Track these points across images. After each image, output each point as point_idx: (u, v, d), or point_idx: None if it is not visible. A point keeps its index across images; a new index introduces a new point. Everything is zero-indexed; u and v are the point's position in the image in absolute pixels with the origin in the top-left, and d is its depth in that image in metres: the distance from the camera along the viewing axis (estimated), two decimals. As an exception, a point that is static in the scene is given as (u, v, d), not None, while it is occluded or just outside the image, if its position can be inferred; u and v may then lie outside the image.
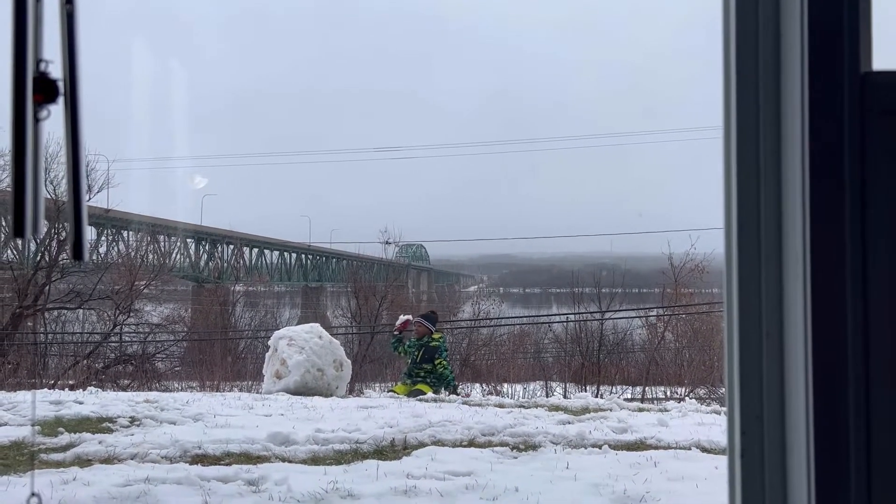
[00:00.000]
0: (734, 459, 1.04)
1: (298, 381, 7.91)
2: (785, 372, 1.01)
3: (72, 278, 16.52)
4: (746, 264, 1.05)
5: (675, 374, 14.37)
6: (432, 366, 8.27)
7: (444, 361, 8.29)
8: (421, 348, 8.32)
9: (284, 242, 33.83)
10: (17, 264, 16.58)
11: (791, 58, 1.02)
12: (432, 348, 8.29)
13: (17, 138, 0.77)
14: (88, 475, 4.01)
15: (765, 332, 1.03)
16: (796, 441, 0.99)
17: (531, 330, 18.73)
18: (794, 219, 1.01)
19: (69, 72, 0.82)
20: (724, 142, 1.09)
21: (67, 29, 0.81)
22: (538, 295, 39.27)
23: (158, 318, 19.00)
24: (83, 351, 16.21)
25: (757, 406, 1.02)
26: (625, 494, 3.71)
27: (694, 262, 16.69)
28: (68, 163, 0.84)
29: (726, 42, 1.07)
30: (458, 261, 46.97)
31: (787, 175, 1.03)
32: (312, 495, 3.71)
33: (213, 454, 4.62)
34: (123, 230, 21.93)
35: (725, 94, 1.08)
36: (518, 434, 5.19)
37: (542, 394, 13.03)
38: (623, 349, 16.64)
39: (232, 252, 30.04)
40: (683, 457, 4.57)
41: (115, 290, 16.26)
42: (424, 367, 8.30)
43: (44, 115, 0.82)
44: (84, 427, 5.37)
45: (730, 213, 1.06)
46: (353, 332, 18.02)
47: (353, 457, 4.66)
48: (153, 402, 6.38)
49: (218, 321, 19.57)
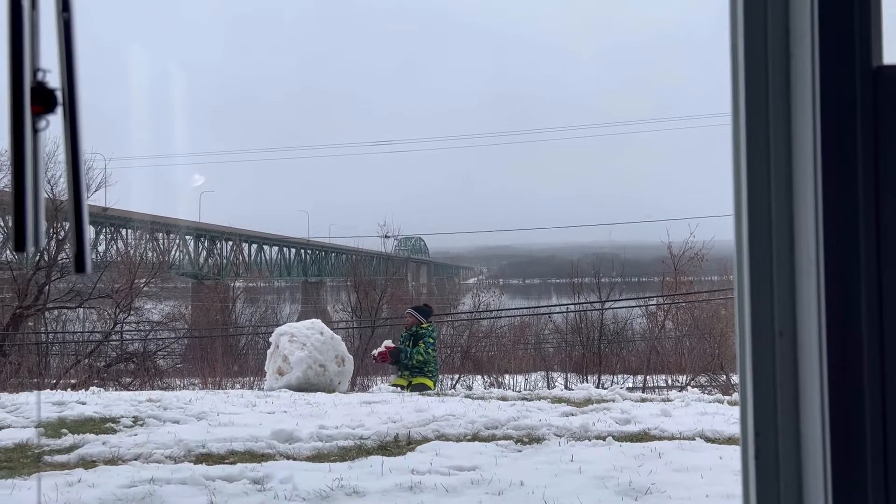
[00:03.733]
0: (748, 461, 1.02)
1: (301, 378, 7.91)
2: (799, 372, 1.00)
3: (71, 277, 16.49)
4: (758, 262, 1.03)
5: (675, 362, 14.39)
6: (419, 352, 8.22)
7: (423, 346, 8.20)
8: (411, 338, 8.35)
9: (283, 238, 33.80)
10: (16, 264, 16.54)
11: (801, 52, 1.00)
12: (419, 336, 8.30)
13: (16, 151, 0.76)
14: (93, 477, 4.00)
15: (777, 332, 1.01)
16: (812, 442, 0.98)
17: (531, 321, 18.74)
18: (806, 215, 0.99)
19: (67, 80, 0.80)
20: (733, 137, 1.07)
21: (65, 37, 0.79)
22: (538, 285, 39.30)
23: (159, 316, 19.00)
24: (84, 350, 16.22)
25: (771, 407, 1.01)
26: (630, 486, 3.71)
27: (693, 249, 16.68)
28: (68, 175, 0.82)
29: (734, 36, 1.06)
30: (457, 253, 46.98)
31: (799, 170, 1.01)
32: (318, 493, 3.70)
33: (217, 453, 4.62)
34: (122, 228, 21.89)
35: (734, 90, 1.06)
36: (522, 427, 5.19)
37: (544, 385, 13.05)
38: (624, 338, 16.66)
39: (231, 248, 30.01)
40: (688, 447, 4.57)
41: (115, 289, 16.25)
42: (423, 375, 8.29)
43: (42, 125, 0.80)
44: (87, 428, 5.37)
45: (739, 209, 1.04)
46: (354, 327, 18.02)
47: (358, 453, 4.66)
48: (156, 402, 6.37)
49: (218, 318, 19.56)
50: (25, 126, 0.76)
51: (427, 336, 8.36)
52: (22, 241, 0.76)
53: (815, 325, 0.97)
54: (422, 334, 8.35)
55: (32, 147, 0.78)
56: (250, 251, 31.85)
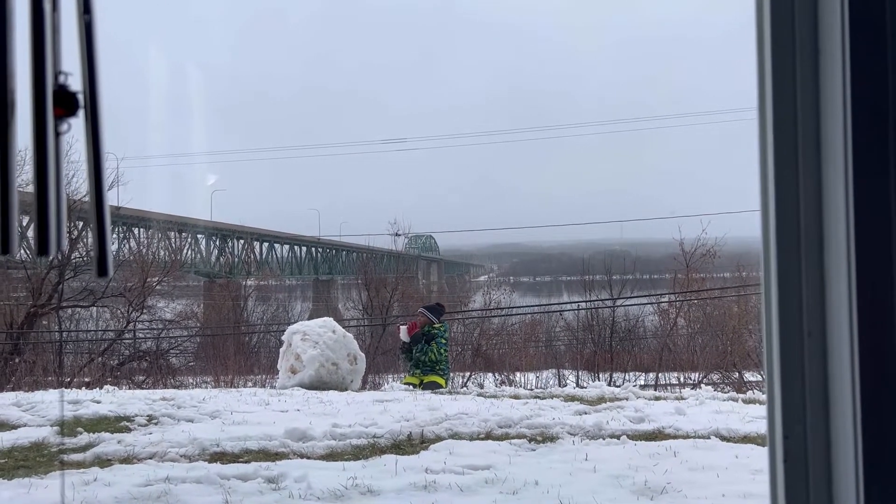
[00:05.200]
0: (776, 463, 1.00)
1: (313, 376, 7.93)
2: (829, 373, 0.98)
3: (85, 276, 16.60)
4: (786, 260, 1.01)
5: (688, 360, 14.31)
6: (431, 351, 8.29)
7: (435, 346, 8.28)
8: (423, 336, 8.37)
9: (294, 236, 33.89)
10: (30, 263, 16.67)
11: (831, 46, 0.98)
12: (432, 335, 8.33)
13: (39, 154, 0.75)
14: (109, 475, 4.02)
15: (806, 332, 0.99)
16: (842, 444, 0.96)
17: (542, 318, 18.69)
18: (836, 212, 0.97)
19: (89, 83, 0.80)
20: (759, 132, 1.05)
21: (86, 40, 0.79)
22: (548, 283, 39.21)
23: (171, 315, 19.10)
24: (98, 348, 16.33)
25: (800, 408, 0.99)
26: (646, 486, 3.68)
27: (706, 246, 16.58)
28: (90, 178, 0.81)
29: (760, 30, 1.04)
30: (467, 251, 46.97)
31: (828, 165, 0.99)
32: (332, 492, 3.70)
33: (231, 452, 4.63)
34: (134, 227, 22.01)
35: (760, 84, 1.04)
36: (535, 426, 5.18)
37: (555, 382, 13.02)
38: (635, 336, 16.59)
39: (242, 247, 30.12)
40: (703, 446, 4.54)
41: (128, 288, 16.34)
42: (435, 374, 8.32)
43: (64, 128, 0.79)
44: (102, 426, 5.40)
45: (766, 205, 1.02)
46: (365, 325, 18.05)
47: (371, 451, 4.66)
48: (170, 400, 6.40)
49: (230, 316, 19.65)
50: (48, 129, 0.76)
51: (439, 336, 8.38)
52: (45, 244, 0.75)
53: (846, 326, 0.95)
54: (434, 334, 8.37)
55: (55, 151, 0.77)
56: (262, 250, 31.99)
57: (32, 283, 15.89)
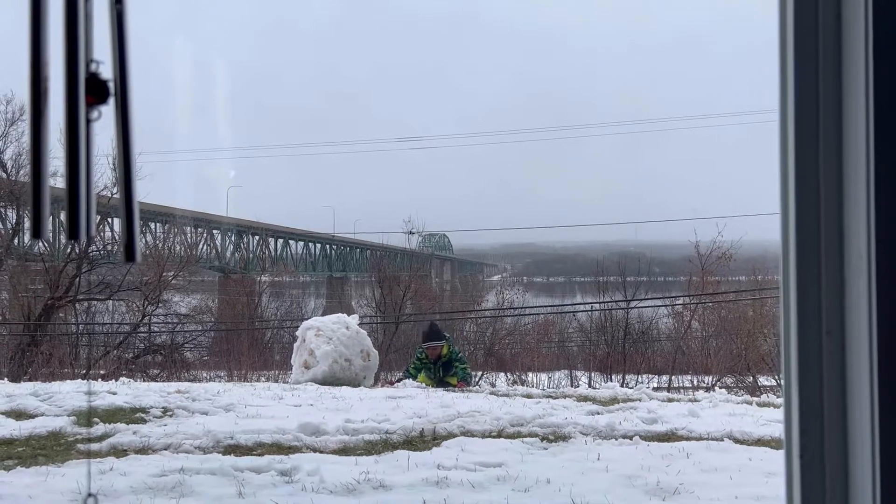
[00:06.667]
0: (792, 459, 1.00)
1: (326, 372, 7.96)
2: (847, 371, 0.98)
3: (101, 270, 16.78)
4: (805, 258, 1.01)
5: (701, 362, 14.22)
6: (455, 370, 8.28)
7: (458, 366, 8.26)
8: (438, 365, 8.25)
9: (309, 233, 34.03)
10: (48, 256, 16.87)
11: (854, 43, 0.97)
12: (448, 362, 8.25)
13: (71, 141, 0.77)
14: (124, 465, 4.07)
15: (825, 331, 0.99)
16: (859, 442, 0.96)
17: (555, 319, 18.65)
18: (856, 209, 0.97)
19: (119, 72, 0.81)
20: (780, 130, 1.05)
21: (118, 29, 0.80)
22: (562, 284, 39.11)
23: (186, 309, 19.25)
24: (113, 341, 16.49)
25: (817, 405, 0.99)
26: (658, 486, 3.68)
27: (721, 249, 16.47)
28: (119, 165, 0.83)
29: (783, 26, 1.04)
30: (481, 250, 46.93)
31: (849, 163, 0.99)
32: (345, 486, 3.72)
33: (245, 444, 4.67)
34: (150, 222, 22.20)
35: (782, 82, 1.04)
36: (547, 425, 5.18)
37: (567, 383, 12.99)
38: (649, 338, 16.51)
39: (257, 243, 30.29)
40: (716, 448, 4.52)
41: (144, 282, 16.49)
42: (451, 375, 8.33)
43: (95, 116, 0.81)
44: (118, 417, 5.46)
45: (787, 203, 1.02)
46: (378, 322, 18.09)
47: (384, 447, 4.68)
48: (184, 393, 6.46)
49: (244, 311, 19.76)
50: (80, 116, 0.77)
51: (456, 361, 8.27)
52: (76, 230, 0.77)
53: (865, 325, 0.95)
54: (450, 360, 8.24)
55: (86, 137, 0.79)
56: (276, 246, 32.14)
57: (50, 276, 16.08)
